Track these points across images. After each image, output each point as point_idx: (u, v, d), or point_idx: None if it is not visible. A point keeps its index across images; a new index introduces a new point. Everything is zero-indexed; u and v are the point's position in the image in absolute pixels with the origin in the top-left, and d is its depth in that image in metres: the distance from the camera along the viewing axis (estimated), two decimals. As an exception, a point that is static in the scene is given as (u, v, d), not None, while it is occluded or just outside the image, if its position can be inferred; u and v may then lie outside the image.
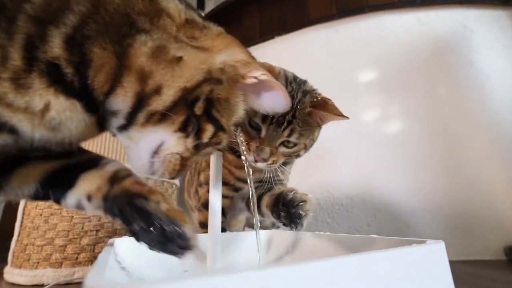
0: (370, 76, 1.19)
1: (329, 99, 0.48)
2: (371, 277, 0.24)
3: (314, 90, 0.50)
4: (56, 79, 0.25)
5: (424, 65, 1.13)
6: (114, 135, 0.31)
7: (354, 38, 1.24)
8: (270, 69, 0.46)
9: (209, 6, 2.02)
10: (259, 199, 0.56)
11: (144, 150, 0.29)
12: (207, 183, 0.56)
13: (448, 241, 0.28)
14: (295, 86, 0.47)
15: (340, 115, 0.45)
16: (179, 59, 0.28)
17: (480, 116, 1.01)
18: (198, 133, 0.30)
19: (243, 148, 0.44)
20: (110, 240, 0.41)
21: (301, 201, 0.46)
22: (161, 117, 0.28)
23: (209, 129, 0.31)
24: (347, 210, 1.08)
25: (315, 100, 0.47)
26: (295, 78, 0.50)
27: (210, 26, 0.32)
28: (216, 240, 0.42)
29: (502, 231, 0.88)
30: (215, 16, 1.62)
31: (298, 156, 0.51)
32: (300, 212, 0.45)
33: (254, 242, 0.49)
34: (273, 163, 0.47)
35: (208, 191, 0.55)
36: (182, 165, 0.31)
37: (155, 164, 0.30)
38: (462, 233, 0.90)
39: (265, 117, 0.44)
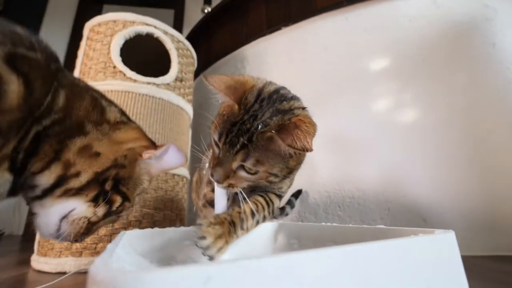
0: (383, 64, 1.14)
1: (304, 122, 0.37)
2: (379, 267, 0.23)
3: (294, 109, 0.41)
4: (12, 161, 0.32)
5: (441, 51, 1.06)
6: (27, 202, 0.37)
7: (365, 26, 1.19)
8: (242, 82, 0.42)
9: (216, 1, 2.01)
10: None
11: (54, 214, 0.36)
12: (209, 181, 0.58)
13: (470, 236, 0.26)
14: (265, 104, 0.40)
15: (302, 149, 0.35)
16: (98, 153, 0.37)
17: (504, 102, 0.95)
18: (109, 203, 0.39)
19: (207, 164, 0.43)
20: (121, 232, 0.42)
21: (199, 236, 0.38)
22: (76, 191, 0.36)
23: (117, 200, 0.40)
24: (359, 203, 1.06)
25: (285, 122, 0.38)
26: (271, 95, 0.41)
27: (129, 122, 0.45)
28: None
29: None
30: (221, 10, 1.61)
31: (271, 182, 0.44)
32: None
33: (260, 233, 0.49)
34: (229, 186, 0.42)
35: (212, 190, 0.57)
36: (87, 229, 0.38)
37: (63, 227, 0.36)
38: (485, 227, 0.85)
39: (220, 136, 0.40)
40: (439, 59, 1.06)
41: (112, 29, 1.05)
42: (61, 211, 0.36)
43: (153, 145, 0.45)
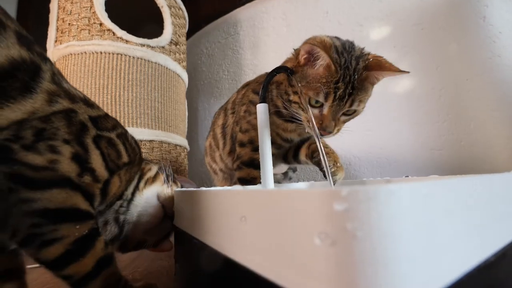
0: (381, 32, 1.16)
1: (380, 57, 0.47)
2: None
3: (362, 51, 0.49)
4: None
5: (437, 21, 1.10)
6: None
7: (365, -8, 1.17)
8: (322, 42, 0.46)
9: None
10: (298, 148, 0.60)
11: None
12: (250, 142, 0.58)
13: None
14: (347, 55, 0.46)
15: (398, 71, 0.44)
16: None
17: (489, 73, 1.03)
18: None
19: (312, 125, 0.47)
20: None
21: (333, 176, 0.49)
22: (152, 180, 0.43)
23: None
24: (355, 169, 1.13)
25: (367, 62, 0.46)
26: (344, 46, 0.48)
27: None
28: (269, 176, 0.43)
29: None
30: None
31: (356, 116, 0.53)
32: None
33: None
34: (337, 132, 0.50)
35: (252, 150, 0.57)
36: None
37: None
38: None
39: (327, 96, 0.45)
40: (435, 30, 1.09)
41: (93, -22, 0.90)
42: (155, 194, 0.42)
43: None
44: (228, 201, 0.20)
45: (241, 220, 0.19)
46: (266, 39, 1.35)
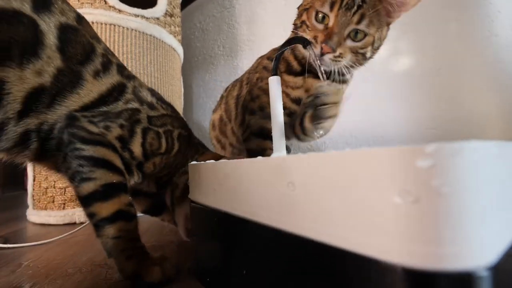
0: (381, 10, 1.13)
1: None
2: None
3: None
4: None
5: (437, -2, 1.09)
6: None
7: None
8: None
9: None
10: (304, 115, 0.57)
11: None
12: (261, 109, 0.56)
13: None
14: None
15: None
16: None
17: (485, 52, 1.05)
18: None
19: (310, 40, 0.44)
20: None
21: (330, 103, 0.46)
22: None
23: None
24: (352, 148, 1.16)
25: None
26: None
27: None
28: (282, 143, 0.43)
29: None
30: None
31: (364, 57, 0.49)
32: (324, 113, 0.46)
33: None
34: (340, 56, 0.45)
35: (262, 118, 0.56)
36: None
37: None
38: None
39: (333, 3, 0.43)
40: (435, 8, 1.09)
41: None
42: None
43: None
44: (275, 169, 0.20)
45: (288, 186, 0.19)
46: (263, 13, 1.29)
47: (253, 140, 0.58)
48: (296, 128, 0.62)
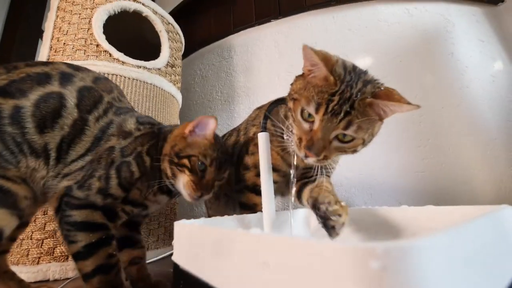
0: (365, 62, 1.25)
1: (393, 89, 0.43)
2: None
3: (376, 80, 0.46)
4: None
5: (414, 54, 1.21)
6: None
7: (350, 25, 1.27)
8: (326, 57, 0.43)
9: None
10: (303, 186, 0.54)
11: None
12: (255, 166, 0.57)
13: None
14: (354, 75, 0.43)
15: (408, 103, 0.40)
16: None
17: (460, 103, 1.13)
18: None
19: (294, 141, 0.43)
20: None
21: (335, 215, 0.42)
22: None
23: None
24: (346, 190, 1.16)
25: (377, 90, 0.42)
26: (354, 67, 0.45)
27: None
28: (270, 221, 0.43)
29: (477, 204, 1.02)
30: (207, -5, 1.53)
31: (355, 151, 0.46)
32: (334, 225, 0.41)
33: (296, 218, 0.50)
34: (324, 159, 0.43)
35: (256, 175, 0.56)
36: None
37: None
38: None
39: (319, 106, 0.41)
40: (414, 62, 1.20)
41: (92, 1, 0.92)
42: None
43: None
44: (248, 246, 0.21)
45: (262, 266, 0.19)
46: (259, 64, 1.40)
47: (246, 194, 0.59)
48: (293, 192, 0.59)
